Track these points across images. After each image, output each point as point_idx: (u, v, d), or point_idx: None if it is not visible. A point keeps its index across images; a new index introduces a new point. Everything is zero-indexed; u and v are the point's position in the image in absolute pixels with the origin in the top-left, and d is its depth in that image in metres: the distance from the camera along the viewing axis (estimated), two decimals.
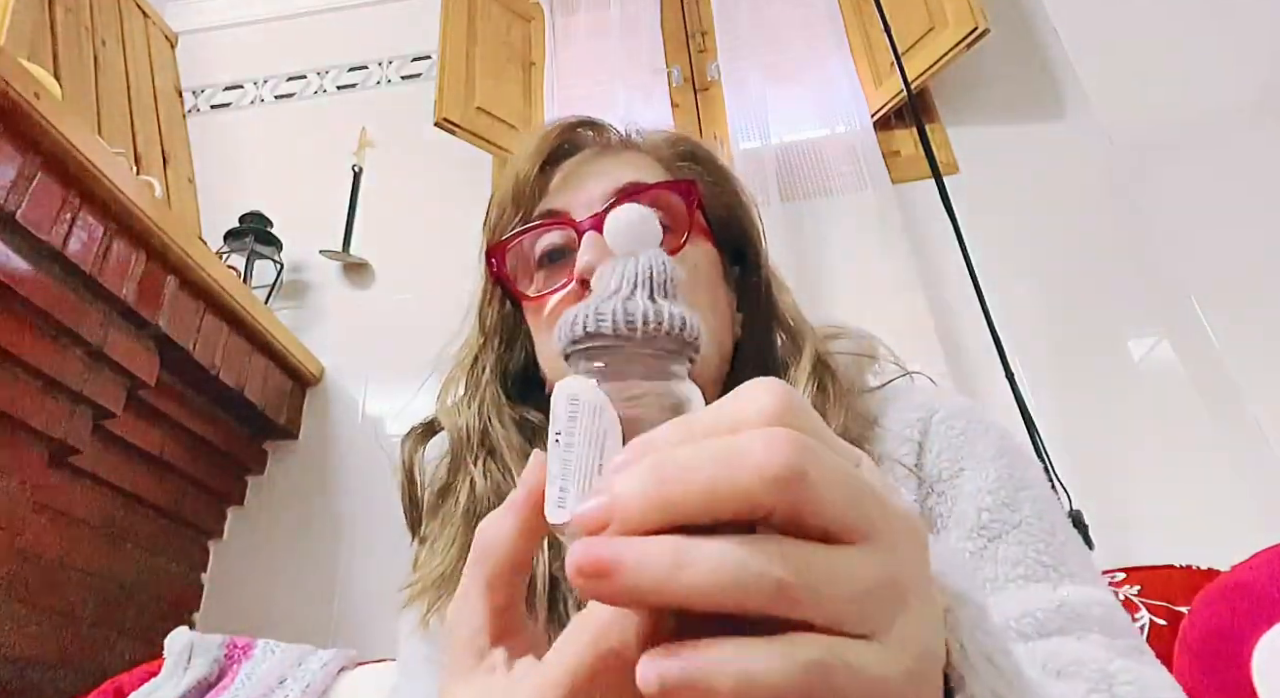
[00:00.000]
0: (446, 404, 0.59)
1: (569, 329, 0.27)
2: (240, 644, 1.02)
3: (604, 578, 0.18)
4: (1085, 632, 0.41)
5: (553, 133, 0.60)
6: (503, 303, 0.61)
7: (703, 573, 0.18)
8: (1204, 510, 1.23)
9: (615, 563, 0.18)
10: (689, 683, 0.18)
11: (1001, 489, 0.48)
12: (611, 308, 0.26)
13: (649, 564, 0.18)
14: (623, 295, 0.26)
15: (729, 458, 0.19)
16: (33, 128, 1.02)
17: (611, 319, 0.26)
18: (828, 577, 0.19)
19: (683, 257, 0.54)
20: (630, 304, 0.26)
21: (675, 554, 0.18)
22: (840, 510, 0.19)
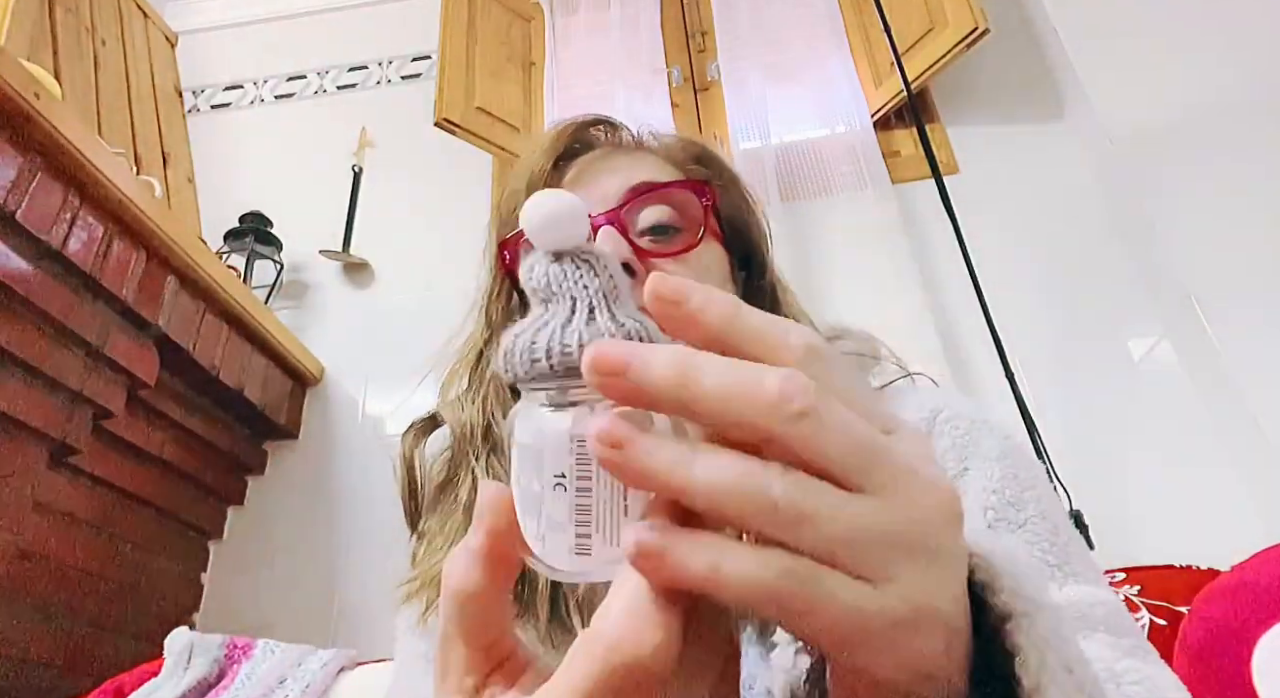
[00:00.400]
0: (449, 399, 0.59)
1: (504, 362, 0.24)
2: (240, 644, 1.02)
3: (619, 449, 0.20)
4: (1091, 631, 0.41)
5: (567, 130, 0.61)
6: (509, 298, 0.61)
7: (709, 471, 0.19)
8: (1204, 510, 1.23)
9: (630, 441, 0.20)
10: (660, 552, 0.19)
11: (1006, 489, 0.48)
12: (546, 340, 0.23)
13: (662, 454, 0.20)
14: (557, 324, 0.24)
15: (749, 378, 0.20)
16: (33, 128, 1.02)
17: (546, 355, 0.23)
18: (824, 510, 0.19)
19: (695, 257, 0.54)
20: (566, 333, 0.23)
21: (689, 453, 0.20)
22: (841, 456, 0.20)
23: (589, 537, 0.23)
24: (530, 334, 0.24)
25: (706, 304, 0.21)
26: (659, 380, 0.20)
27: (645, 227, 0.55)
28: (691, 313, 0.21)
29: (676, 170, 0.60)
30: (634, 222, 0.55)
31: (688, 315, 0.21)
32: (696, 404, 0.20)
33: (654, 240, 0.54)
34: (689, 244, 0.54)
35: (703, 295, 0.21)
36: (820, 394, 0.20)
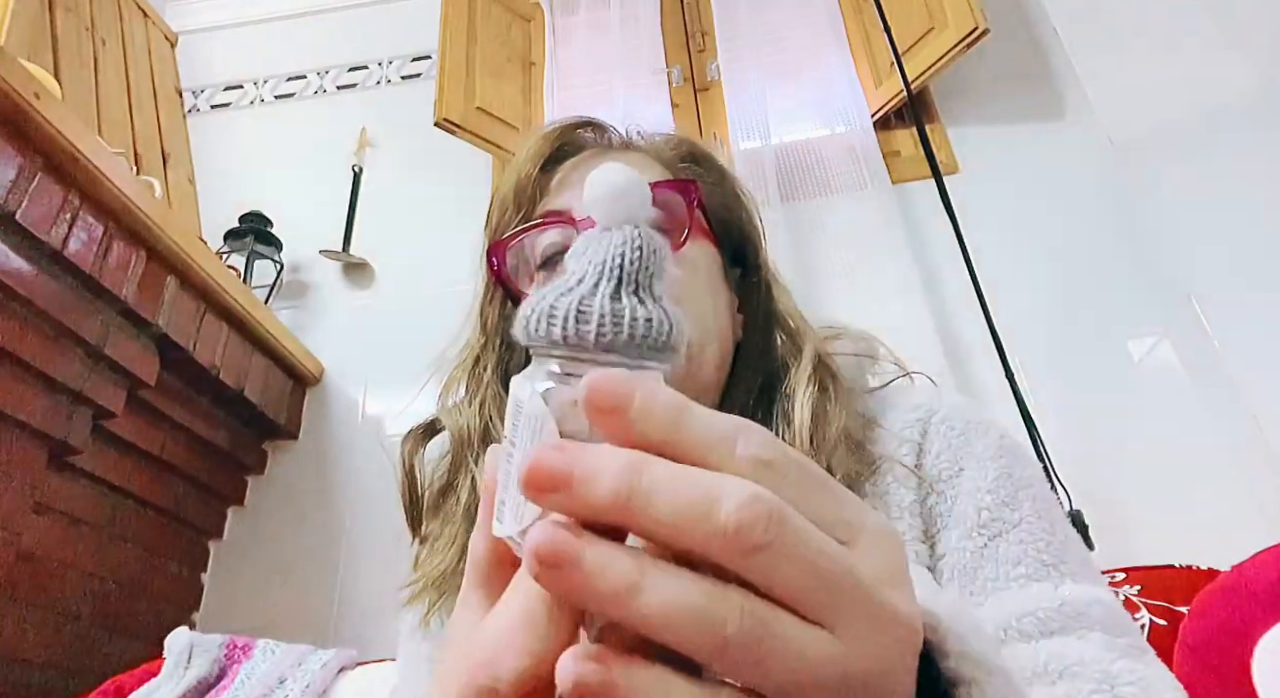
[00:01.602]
0: (447, 405, 0.59)
1: (521, 324, 0.23)
2: (240, 644, 1.02)
3: (559, 570, 0.18)
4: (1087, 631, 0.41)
5: (554, 133, 0.61)
6: (503, 303, 0.61)
7: (658, 604, 0.18)
8: (1204, 510, 1.23)
9: (574, 561, 0.18)
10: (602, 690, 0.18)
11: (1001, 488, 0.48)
12: (566, 306, 0.22)
13: (610, 577, 0.18)
14: (581, 291, 0.23)
15: (702, 504, 0.18)
16: (33, 128, 1.02)
17: (563, 322, 0.22)
18: (779, 652, 0.18)
19: (683, 256, 0.54)
20: (586, 303, 0.22)
21: (639, 576, 0.18)
22: (802, 592, 0.18)
23: (504, 504, 0.22)
24: (550, 298, 0.23)
25: (647, 412, 0.19)
26: (603, 499, 0.18)
27: None
28: (630, 422, 0.19)
29: (664, 169, 0.60)
30: None
31: (626, 425, 0.19)
32: (647, 527, 0.18)
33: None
34: (675, 245, 0.54)
35: (642, 402, 0.19)
36: (777, 522, 0.18)
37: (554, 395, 0.22)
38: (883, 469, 0.51)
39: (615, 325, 0.22)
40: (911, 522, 0.49)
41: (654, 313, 0.23)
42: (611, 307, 0.22)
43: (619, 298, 0.22)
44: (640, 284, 0.23)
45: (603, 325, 0.22)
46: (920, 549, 0.48)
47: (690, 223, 0.55)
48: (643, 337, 0.22)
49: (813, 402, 0.51)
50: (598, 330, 0.22)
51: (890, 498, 0.50)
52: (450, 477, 0.56)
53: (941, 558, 0.48)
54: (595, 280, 0.23)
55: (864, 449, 0.52)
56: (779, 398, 0.54)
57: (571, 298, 0.22)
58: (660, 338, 0.23)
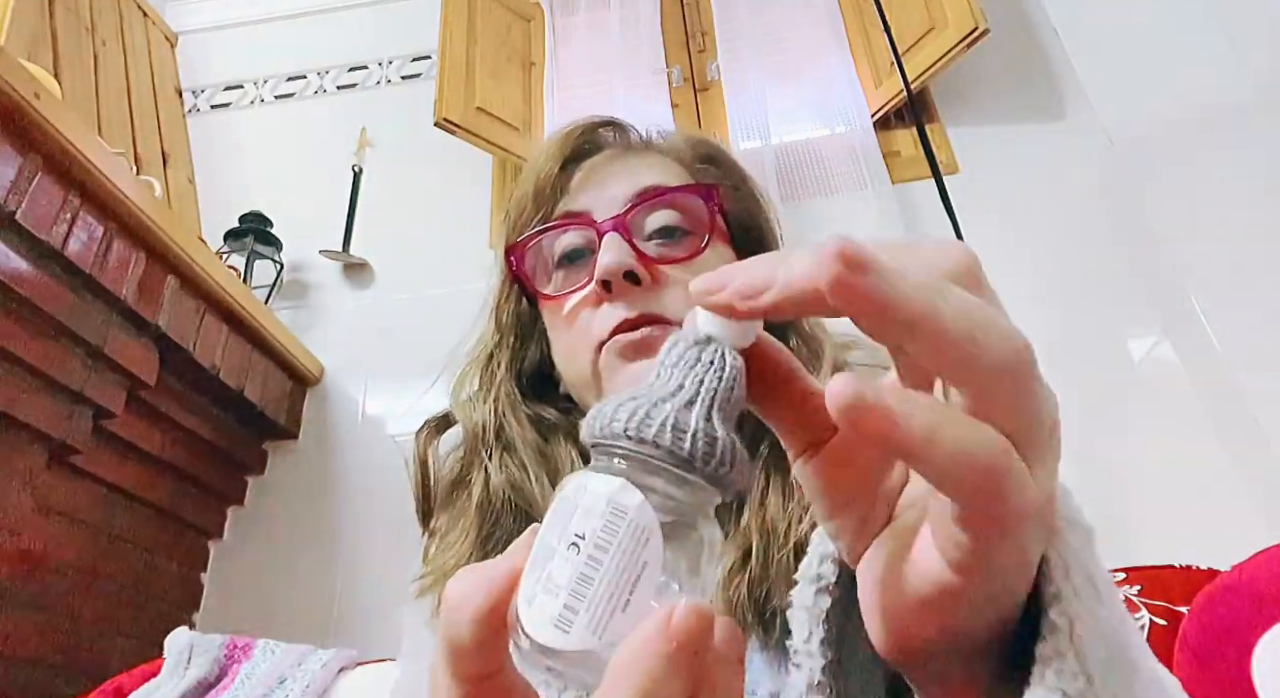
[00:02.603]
0: (461, 399, 0.59)
1: (608, 421, 0.22)
2: (240, 644, 1.02)
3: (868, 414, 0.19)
4: None
5: (575, 132, 0.61)
6: (519, 301, 0.61)
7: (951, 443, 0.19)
8: (1204, 510, 1.23)
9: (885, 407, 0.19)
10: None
11: None
12: (694, 427, 0.22)
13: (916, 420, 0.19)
14: (701, 415, 0.22)
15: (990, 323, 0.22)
16: (33, 128, 1.02)
17: (691, 442, 0.22)
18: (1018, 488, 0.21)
19: (702, 262, 0.54)
20: (710, 430, 0.22)
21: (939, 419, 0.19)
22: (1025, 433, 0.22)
23: (576, 612, 0.21)
24: (625, 398, 0.23)
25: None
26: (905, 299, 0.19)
27: (652, 230, 0.55)
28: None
29: (685, 171, 0.60)
30: (640, 226, 0.55)
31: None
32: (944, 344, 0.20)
33: (661, 244, 0.55)
34: (695, 250, 0.54)
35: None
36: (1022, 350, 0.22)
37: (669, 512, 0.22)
38: None
39: (709, 451, 0.22)
40: None
41: (739, 445, 0.23)
42: (710, 430, 0.22)
43: (710, 420, 0.22)
44: (728, 413, 0.23)
45: (703, 450, 0.22)
46: None
47: (711, 229, 0.55)
48: (730, 468, 0.22)
49: None
50: (701, 453, 0.22)
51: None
52: (462, 471, 0.56)
53: None
54: (692, 397, 0.23)
55: None
56: None
57: (671, 409, 0.22)
58: (742, 477, 0.23)
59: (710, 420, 0.22)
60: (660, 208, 0.55)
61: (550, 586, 0.21)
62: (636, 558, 0.21)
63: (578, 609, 0.21)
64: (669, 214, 0.55)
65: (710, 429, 0.22)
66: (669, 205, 0.55)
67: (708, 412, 0.22)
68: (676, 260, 0.53)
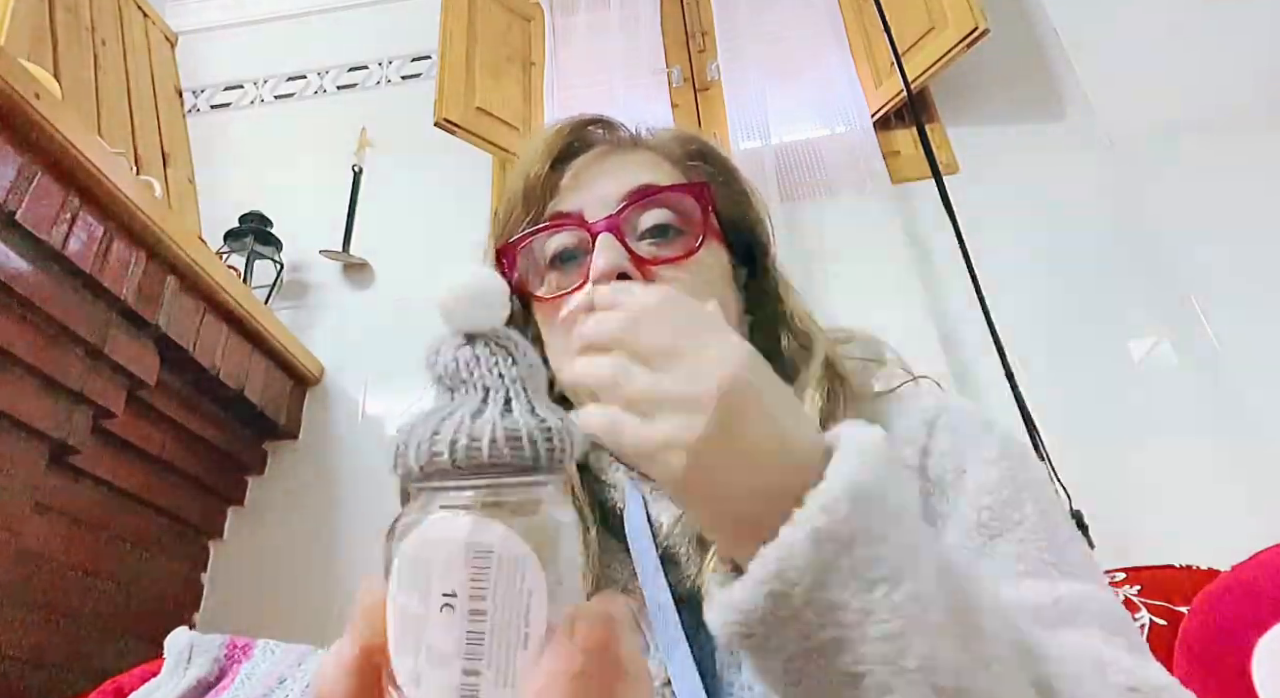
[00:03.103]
0: None
1: (428, 455, 0.20)
2: (240, 644, 1.02)
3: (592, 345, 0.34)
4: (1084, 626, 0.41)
5: (564, 131, 0.60)
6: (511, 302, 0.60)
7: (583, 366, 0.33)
8: (1204, 511, 1.23)
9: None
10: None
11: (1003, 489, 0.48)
12: (490, 431, 0.20)
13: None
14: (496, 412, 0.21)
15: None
16: (33, 128, 1.02)
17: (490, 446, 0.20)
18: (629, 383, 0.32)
19: (696, 261, 0.54)
20: (510, 422, 0.20)
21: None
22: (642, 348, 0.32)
23: (478, 673, 0.19)
24: (433, 424, 0.21)
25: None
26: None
27: (644, 230, 0.54)
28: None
29: (675, 168, 0.60)
30: (632, 226, 0.54)
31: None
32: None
33: (654, 243, 0.54)
34: (689, 250, 0.54)
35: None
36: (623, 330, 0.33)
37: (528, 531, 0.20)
38: None
39: (546, 441, 0.21)
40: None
41: (551, 422, 0.21)
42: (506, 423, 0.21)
43: (509, 413, 0.21)
44: (529, 395, 0.22)
45: (535, 442, 0.20)
46: None
47: (704, 227, 0.55)
48: (562, 447, 0.21)
49: (821, 406, 0.51)
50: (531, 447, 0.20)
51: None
52: None
53: None
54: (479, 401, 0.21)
55: None
56: None
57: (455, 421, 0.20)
58: (571, 445, 0.21)
59: (534, 412, 0.21)
60: (652, 207, 0.55)
61: (436, 657, 0.19)
62: (520, 590, 0.19)
63: (479, 670, 0.19)
64: (661, 213, 0.55)
65: (540, 421, 0.21)
66: (661, 204, 0.55)
67: (528, 404, 0.21)
68: (671, 260, 0.53)
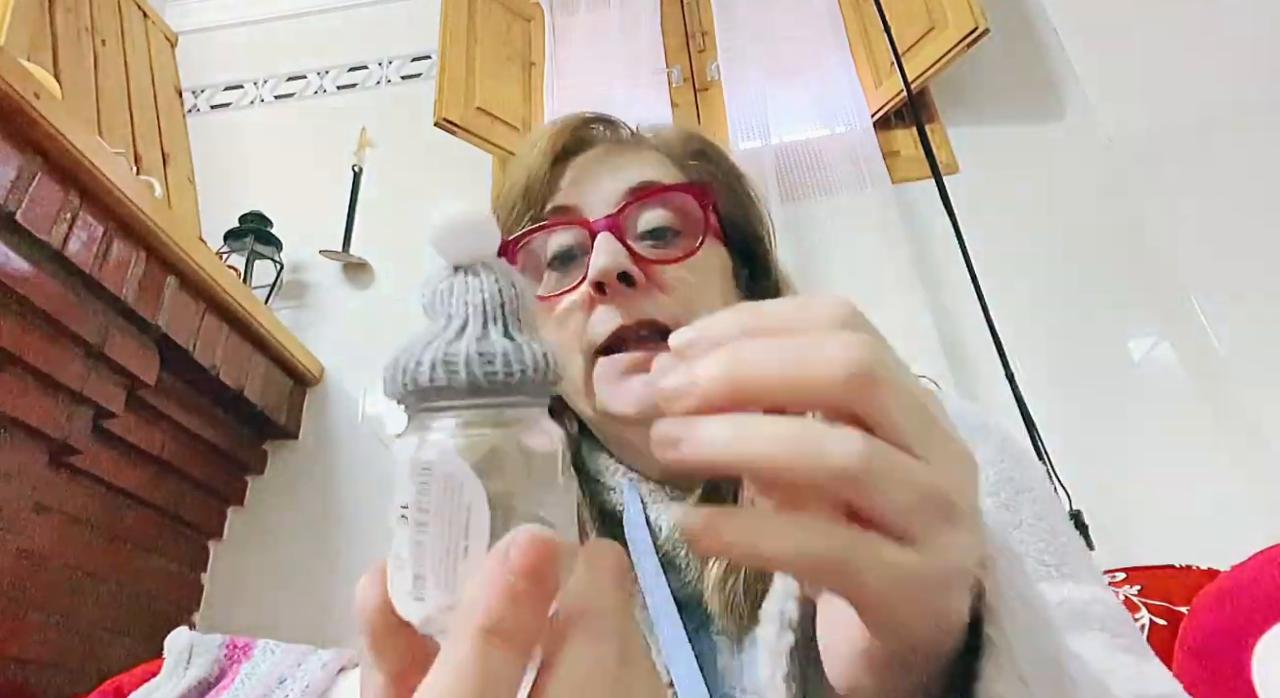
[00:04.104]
0: None
1: (400, 376, 0.22)
2: (240, 644, 1.02)
3: (674, 447, 0.20)
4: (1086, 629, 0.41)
5: (565, 128, 0.59)
6: None
7: (761, 441, 0.20)
8: (1204, 510, 1.23)
9: (685, 433, 0.20)
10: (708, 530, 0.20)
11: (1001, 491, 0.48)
12: (464, 352, 0.21)
13: (715, 434, 0.20)
14: (473, 335, 0.22)
15: (805, 354, 0.20)
16: (33, 128, 1.02)
17: (466, 368, 0.21)
18: (888, 472, 0.20)
19: (697, 261, 0.53)
20: (485, 346, 0.21)
21: (736, 426, 0.20)
22: (904, 419, 0.20)
23: (423, 577, 0.21)
24: (415, 350, 0.22)
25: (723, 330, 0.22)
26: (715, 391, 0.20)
27: (645, 230, 0.54)
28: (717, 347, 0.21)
29: (676, 167, 0.59)
30: (633, 225, 0.54)
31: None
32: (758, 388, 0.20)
33: (654, 244, 0.53)
34: (690, 250, 0.53)
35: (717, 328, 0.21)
36: (879, 356, 0.20)
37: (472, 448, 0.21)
38: None
39: (520, 365, 0.21)
40: None
41: (544, 346, 0.22)
42: (511, 346, 0.22)
43: (511, 336, 0.22)
44: (507, 320, 0.23)
45: (509, 367, 0.21)
46: None
47: (705, 227, 0.54)
48: (544, 372, 0.22)
49: None
50: (504, 371, 0.21)
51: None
52: None
53: None
54: (482, 322, 0.22)
55: None
56: None
57: (465, 343, 0.22)
58: (555, 372, 0.22)
59: (486, 338, 0.22)
60: (653, 206, 0.54)
61: (398, 561, 0.21)
62: (458, 506, 0.20)
63: (424, 574, 0.21)
64: (662, 213, 0.54)
65: (486, 346, 0.22)
66: (662, 204, 0.54)
67: (481, 329, 0.22)
68: (671, 260, 0.52)
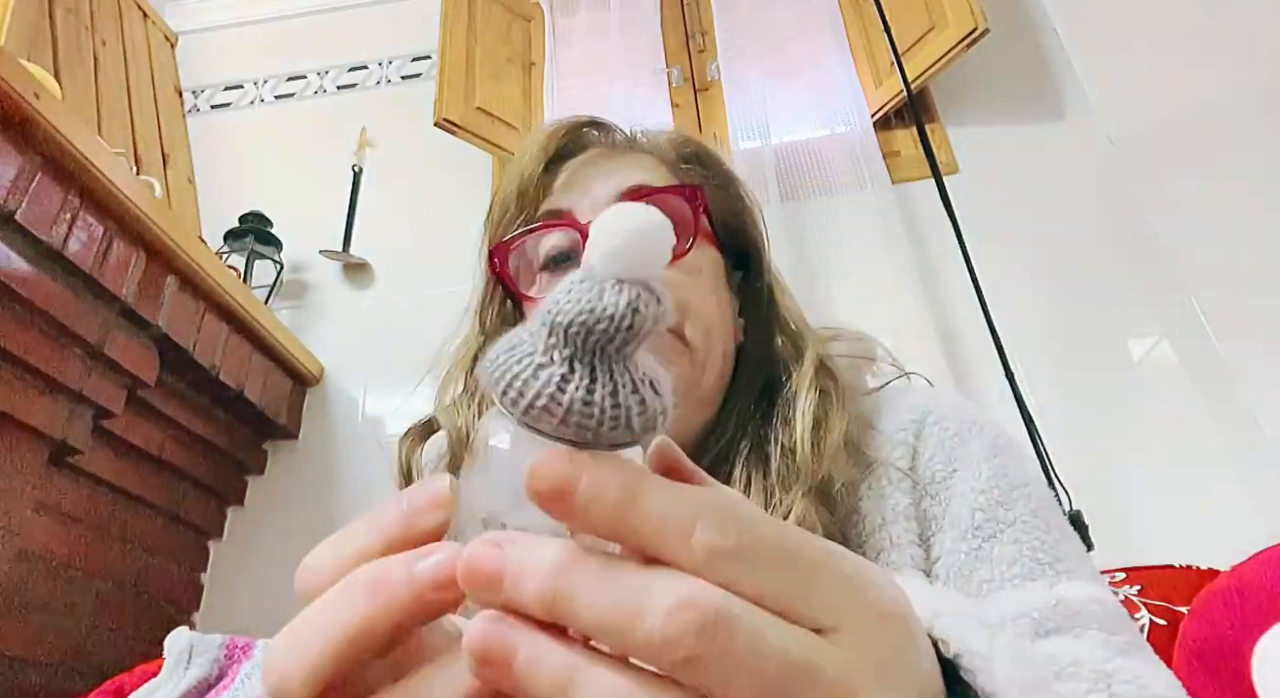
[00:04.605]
0: (444, 403, 0.59)
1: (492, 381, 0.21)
2: (240, 644, 1.02)
3: (492, 668, 0.18)
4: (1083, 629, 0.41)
5: (558, 132, 0.60)
6: (503, 302, 0.60)
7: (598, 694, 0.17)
8: (1204, 510, 1.23)
9: (507, 655, 0.18)
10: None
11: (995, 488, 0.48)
12: (569, 399, 0.19)
13: (543, 673, 0.18)
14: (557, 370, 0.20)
15: (628, 613, 0.17)
16: (33, 128, 1.02)
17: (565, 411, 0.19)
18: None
19: (687, 263, 0.54)
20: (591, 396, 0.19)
21: (570, 673, 0.17)
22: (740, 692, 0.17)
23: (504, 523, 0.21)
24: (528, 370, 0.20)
25: (593, 498, 0.18)
26: (530, 602, 0.18)
27: None
28: (575, 508, 0.18)
29: (669, 171, 0.60)
30: None
31: (573, 510, 0.18)
32: (579, 629, 0.18)
33: None
34: (679, 252, 0.53)
35: (588, 487, 0.18)
36: (712, 629, 0.17)
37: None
38: (877, 473, 0.51)
39: (615, 421, 0.19)
40: (907, 525, 0.49)
41: (640, 401, 0.20)
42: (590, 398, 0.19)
43: (594, 387, 0.20)
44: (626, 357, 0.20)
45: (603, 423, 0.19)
46: (916, 553, 0.48)
47: (695, 229, 0.55)
48: (644, 428, 0.20)
49: (814, 407, 0.51)
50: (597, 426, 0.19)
51: (886, 502, 0.50)
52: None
53: (937, 561, 0.48)
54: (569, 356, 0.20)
55: (860, 453, 0.52)
56: (780, 402, 0.53)
57: (545, 376, 0.20)
58: (654, 421, 0.20)
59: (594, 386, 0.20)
60: None
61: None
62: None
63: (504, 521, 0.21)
64: None
65: (587, 396, 0.19)
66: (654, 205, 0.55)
67: (590, 374, 0.20)
68: None
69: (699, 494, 0.19)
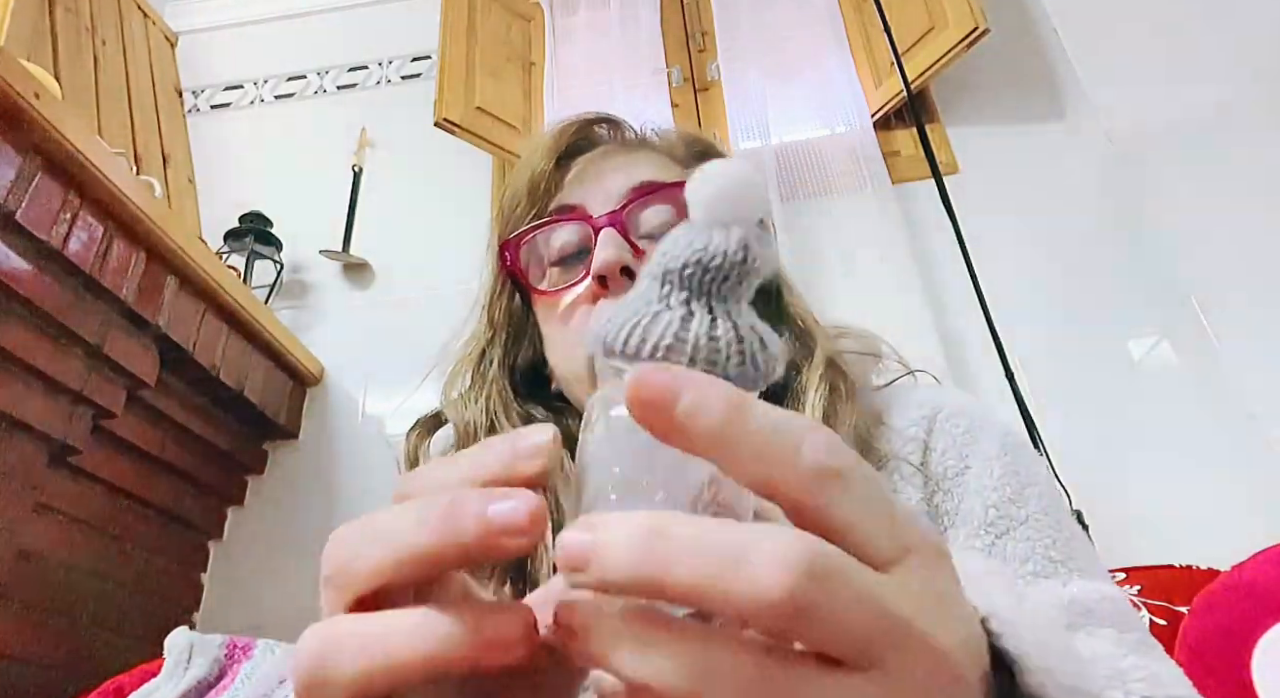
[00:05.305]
0: (452, 397, 0.59)
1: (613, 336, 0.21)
2: (240, 644, 1.02)
3: (571, 639, 0.19)
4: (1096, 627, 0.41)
5: (570, 128, 0.60)
6: (512, 297, 0.61)
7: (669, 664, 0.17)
8: (1204, 510, 1.23)
9: (586, 626, 0.18)
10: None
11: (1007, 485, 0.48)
12: (694, 335, 0.19)
13: (621, 640, 0.18)
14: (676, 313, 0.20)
15: (731, 564, 0.17)
16: (33, 128, 1.02)
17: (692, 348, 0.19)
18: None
19: None
20: (715, 331, 0.20)
21: (647, 633, 0.18)
22: (843, 641, 0.17)
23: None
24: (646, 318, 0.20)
25: (696, 410, 0.18)
26: (622, 578, 0.17)
27: (648, 228, 0.54)
28: (677, 422, 0.18)
29: (679, 168, 0.60)
30: (636, 223, 0.54)
31: (674, 425, 0.18)
32: (676, 600, 0.17)
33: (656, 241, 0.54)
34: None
35: (693, 399, 0.18)
36: (820, 578, 0.16)
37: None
38: (889, 468, 0.51)
39: (740, 358, 0.20)
40: None
41: (760, 341, 0.20)
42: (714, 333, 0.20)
43: (716, 325, 0.20)
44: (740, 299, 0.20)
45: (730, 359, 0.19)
46: None
47: None
48: (760, 369, 0.20)
49: (824, 402, 0.51)
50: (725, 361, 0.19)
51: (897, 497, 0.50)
52: None
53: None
54: (685, 299, 0.20)
55: (871, 448, 0.52)
56: (788, 398, 0.54)
57: (666, 318, 0.20)
58: (770, 365, 0.20)
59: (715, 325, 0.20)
60: (655, 204, 0.55)
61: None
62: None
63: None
64: (664, 210, 0.55)
65: (711, 332, 0.20)
66: (665, 201, 0.55)
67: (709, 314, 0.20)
68: None
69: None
